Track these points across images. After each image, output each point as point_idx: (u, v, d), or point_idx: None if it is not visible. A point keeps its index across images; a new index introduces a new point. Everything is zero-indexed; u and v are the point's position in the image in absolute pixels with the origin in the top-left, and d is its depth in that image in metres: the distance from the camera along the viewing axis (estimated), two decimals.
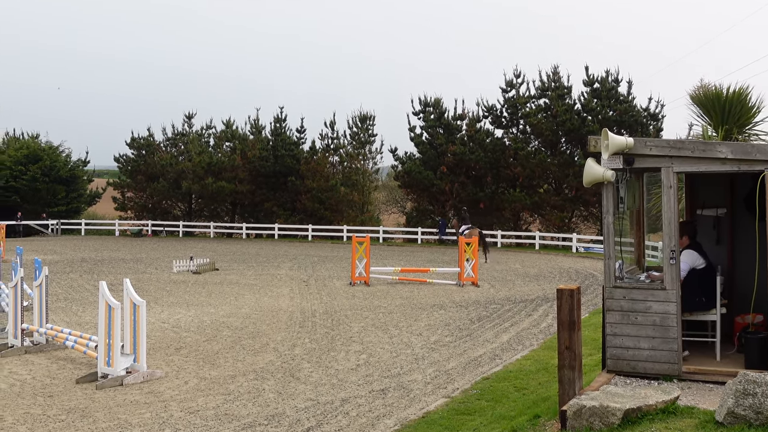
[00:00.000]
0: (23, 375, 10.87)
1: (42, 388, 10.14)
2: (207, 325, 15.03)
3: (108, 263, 29.00)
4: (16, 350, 12.31)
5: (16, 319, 12.49)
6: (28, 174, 51.15)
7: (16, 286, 12.73)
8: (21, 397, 9.66)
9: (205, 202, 53.08)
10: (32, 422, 8.53)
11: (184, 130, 54.53)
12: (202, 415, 8.78)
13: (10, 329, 12.76)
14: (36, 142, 55.54)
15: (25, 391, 9.98)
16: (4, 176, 51.22)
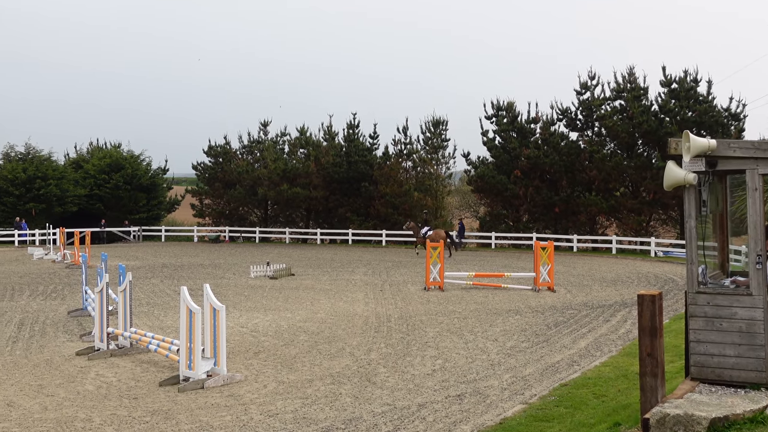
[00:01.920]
0: (109, 377, 11.21)
1: (127, 390, 10.44)
2: (284, 330, 15.23)
3: (187, 269, 29.68)
4: (102, 353, 12.71)
5: (102, 323, 12.89)
6: (111, 182, 52.77)
7: (102, 291, 13.14)
8: (107, 398, 9.97)
9: (281, 208, 53.82)
10: (118, 423, 8.79)
11: (259, 137, 55.42)
12: (281, 418, 8.91)
13: (96, 333, 13.18)
14: (118, 151, 57.22)
15: (111, 393, 10.29)
16: (89, 185, 52.96)
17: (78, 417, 9.08)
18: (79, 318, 17.08)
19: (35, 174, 50.64)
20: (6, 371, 11.70)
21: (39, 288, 23.19)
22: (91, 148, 59.64)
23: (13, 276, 27.12)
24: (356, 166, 49.72)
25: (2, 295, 21.34)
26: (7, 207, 50.21)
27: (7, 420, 8.99)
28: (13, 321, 16.70)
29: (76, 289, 22.38)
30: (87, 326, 15.74)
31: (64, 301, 19.99)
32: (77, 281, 24.55)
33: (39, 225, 48.41)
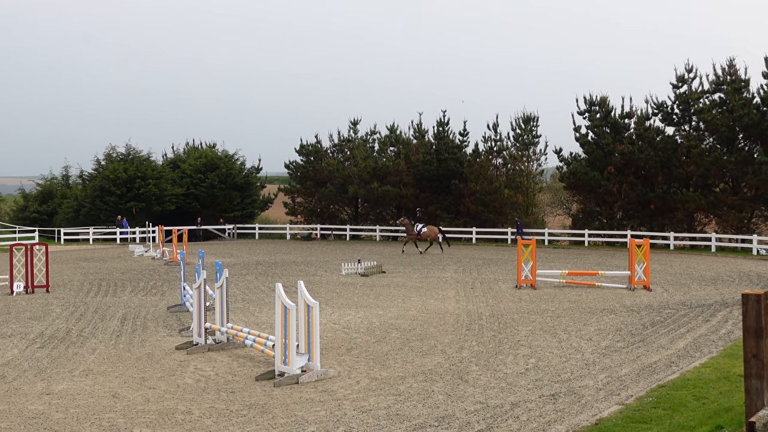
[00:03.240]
0: (207, 371, 11.52)
1: (225, 384, 10.71)
2: (376, 327, 15.34)
3: (280, 266, 30.21)
4: (200, 348, 13.07)
5: (200, 318, 13.26)
6: (206, 181, 54.22)
7: (199, 288, 13.50)
8: (206, 392, 10.25)
9: (371, 206, 54.19)
10: (217, 416, 9.03)
11: (349, 136, 55.94)
12: (374, 414, 8.98)
13: (194, 328, 13.57)
14: (213, 151, 58.71)
15: (209, 386, 10.58)
16: (185, 184, 54.54)
17: (178, 409, 9.37)
18: (178, 313, 17.61)
19: (135, 174, 52.47)
20: (110, 364, 12.17)
21: (140, 284, 24.01)
22: (188, 149, 61.39)
23: (116, 272, 28.17)
24: (446, 164, 49.62)
25: (105, 291, 22.20)
26: (109, 206, 52.20)
27: (112, 411, 9.35)
28: (116, 316, 17.35)
29: (174, 286, 23.08)
30: (185, 321, 16.21)
31: (163, 297, 20.65)
32: (175, 278, 25.32)
33: (139, 223, 50.15)
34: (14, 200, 63.41)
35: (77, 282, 24.85)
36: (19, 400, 9.97)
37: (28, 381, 11.05)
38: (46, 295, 21.58)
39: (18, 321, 16.81)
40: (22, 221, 56.87)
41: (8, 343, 14.08)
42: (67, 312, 18.07)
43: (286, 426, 8.57)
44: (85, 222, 52.27)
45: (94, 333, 15.09)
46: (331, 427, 8.48)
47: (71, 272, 28.32)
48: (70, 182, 60.14)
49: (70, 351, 13.27)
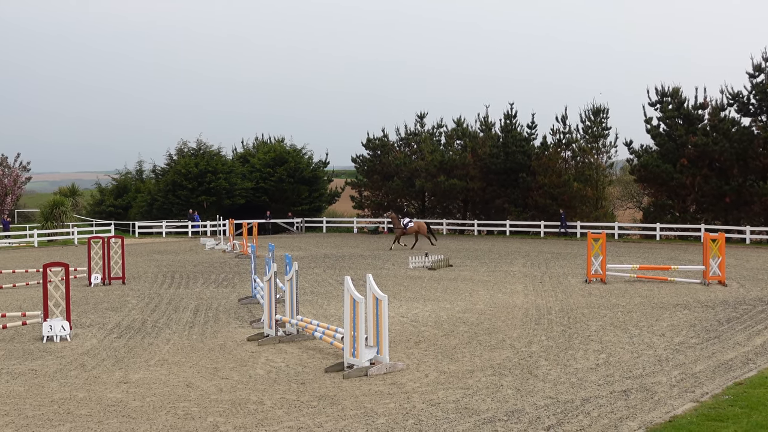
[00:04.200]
0: (278, 363, 11.70)
1: (295, 375, 10.86)
2: (444, 320, 15.34)
3: (348, 259, 30.42)
4: (271, 339, 13.27)
5: (271, 310, 13.46)
6: (275, 175, 54.92)
7: (270, 281, 13.71)
8: (277, 383, 10.42)
9: (438, 200, 54.10)
10: (288, 407, 9.17)
11: (416, 129, 55.92)
12: (443, 407, 8.99)
13: (265, 320, 13.79)
14: (282, 145, 59.42)
15: (280, 377, 10.75)
16: (255, 178, 55.33)
17: (251, 399, 9.54)
18: (249, 305, 17.91)
19: (206, 168, 53.46)
20: (184, 354, 12.46)
21: (211, 276, 24.49)
22: (257, 143, 62.27)
23: (188, 265, 28.78)
24: (514, 157, 49.20)
25: (178, 283, 22.71)
26: (181, 200, 53.33)
27: (186, 400, 9.59)
28: (189, 307, 17.74)
29: (245, 278, 23.47)
30: (256, 313, 16.48)
31: (234, 289, 21.02)
32: (246, 270, 25.75)
33: (210, 217, 51.13)
34: (91, 194, 65.37)
35: (151, 274, 25.48)
36: (98, 388, 10.29)
37: (107, 370, 11.40)
38: (122, 286, 22.20)
39: (96, 311, 17.34)
40: (99, 215, 58.60)
41: (87, 333, 14.54)
42: (142, 303, 18.56)
43: (355, 417, 8.65)
44: (158, 215, 53.54)
45: (168, 324, 15.46)
46: (400, 420, 8.53)
47: (145, 264, 29.06)
48: (143, 177, 61.66)
49: (145, 341, 13.63)
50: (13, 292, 21.71)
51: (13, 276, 25.21)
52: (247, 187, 54.83)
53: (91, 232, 46.61)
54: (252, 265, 18.97)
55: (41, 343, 13.54)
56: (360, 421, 8.49)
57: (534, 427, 8.19)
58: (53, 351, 12.90)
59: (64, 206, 49.50)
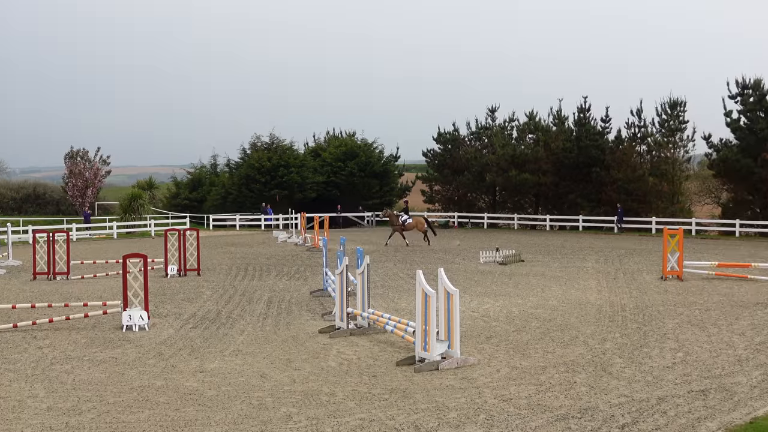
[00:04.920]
0: (350, 355, 11.80)
1: (366, 368, 10.93)
2: (515, 316, 15.23)
3: (419, 253, 30.44)
4: (342, 332, 13.39)
5: (342, 303, 13.57)
6: (346, 170, 55.31)
7: (341, 274, 13.82)
8: (348, 375, 10.50)
9: (509, 194, 53.70)
10: (359, 399, 9.24)
11: (487, 123, 55.60)
12: (515, 403, 8.93)
13: (337, 313, 13.91)
14: (353, 139, 59.81)
15: (351, 370, 10.83)
16: (326, 172, 55.83)
17: (323, 391, 9.65)
18: (320, 298, 18.09)
19: (279, 162, 54.20)
20: (258, 345, 12.67)
21: (284, 269, 24.82)
22: (328, 137, 62.79)
23: (261, 257, 29.23)
24: (587, 151, 48.47)
25: (252, 275, 23.09)
26: (254, 193, 54.19)
27: (260, 390, 9.75)
28: (262, 299, 18.02)
29: (316, 271, 23.71)
30: (327, 306, 16.64)
31: (306, 282, 21.26)
32: (317, 263, 26.01)
33: (282, 210, 51.77)
34: (167, 188, 66.94)
35: (225, 266, 25.96)
36: (175, 376, 10.55)
37: (183, 359, 11.67)
38: (197, 278, 22.68)
39: (172, 302, 17.77)
40: (174, 207, 59.97)
41: (164, 323, 14.91)
42: (216, 294, 18.94)
43: (427, 411, 8.66)
44: (232, 209, 54.51)
45: (242, 315, 15.74)
46: (471, 414, 8.51)
47: (220, 257, 29.62)
48: (218, 170, 62.86)
49: (220, 332, 13.90)
50: (94, 282, 22.41)
51: (94, 266, 26.02)
52: (319, 181, 55.36)
53: (167, 225, 47.75)
54: (324, 258, 19.15)
55: (121, 332, 13.94)
56: (432, 415, 8.50)
57: (608, 425, 8.07)
58: (132, 340, 13.27)
59: (142, 199, 50.86)
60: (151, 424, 8.34)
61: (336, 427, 8.17)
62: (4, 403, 9.31)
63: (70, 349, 12.51)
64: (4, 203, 67.36)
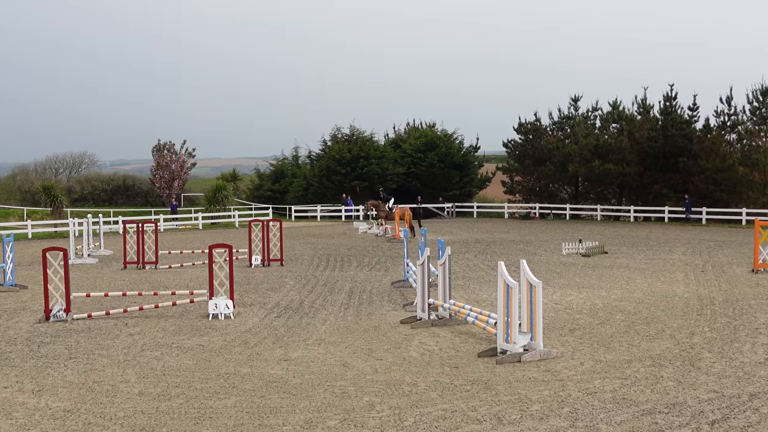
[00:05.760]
0: (431, 346, 11.82)
1: (448, 359, 10.93)
2: (599, 308, 14.98)
3: (499, 244, 30.23)
4: (423, 323, 13.41)
5: (424, 294, 13.59)
6: (426, 161, 55.26)
7: (423, 265, 13.84)
8: (430, 366, 10.52)
9: (592, 185, 52.75)
10: (441, 390, 9.25)
11: (570, 113, 54.70)
12: (600, 397, 8.80)
13: (418, 303, 13.93)
14: (433, 130, 59.70)
15: (433, 360, 10.85)
16: (406, 163, 55.90)
17: (405, 381, 9.70)
18: (401, 289, 18.16)
19: (359, 154, 54.53)
20: (340, 334, 12.81)
21: (364, 260, 25.00)
22: (408, 128, 62.84)
23: (342, 248, 29.51)
24: (673, 140, 47.19)
25: (333, 266, 23.34)
26: (334, 184, 54.70)
27: (343, 379, 9.86)
28: (344, 289, 18.20)
29: (397, 262, 23.81)
30: (408, 297, 16.69)
31: (387, 273, 21.37)
32: (398, 254, 26.12)
33: (362, 201, 52.09)
34: (250, 179, 68.18)
35: (307, 256, 26.31)
36: (260, 364, 10.76)
37: (268, 347, 11.89)
38: (280, 268, 23.05)
39: (257, 291, 18.11)
40: (257, 199, 61.05)
41: (249, 312, 15.22)
42: (299, 284, 19.21)
43: (509, 403, 8.62)
44: (313, 200, 55.16)
45: (324, 305, 15.93)
46: (555, 407, 8.42)
47: (302, 247, 30.04)
48: (299, 162, 63.67)
49: (303, 321, 14.11)
50: (181, 271, 23.03)
51: (181, 256, 26.73)
52: (399, 172, 55.48)
53: (251, 216, 48.65)
54: (405, 249, 19.21)
55: (207, 320, 14.29)
56: (514, 407, 8.45)
57: (697, 421, 7.87)
58: (218, 328, 13.59)
59: (226, 190, 51.92)
60: (238, 411, 8.54)
61: (418, 417, 8.21)
62: (98, 387, 9.68)
63: (160, 336, 12.90)
64: (95, 195, 69.74)
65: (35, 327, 14.01)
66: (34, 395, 9.37)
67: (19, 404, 8.99)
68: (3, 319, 14.92)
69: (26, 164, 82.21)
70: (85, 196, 69.06)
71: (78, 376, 10.24)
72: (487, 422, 7.97)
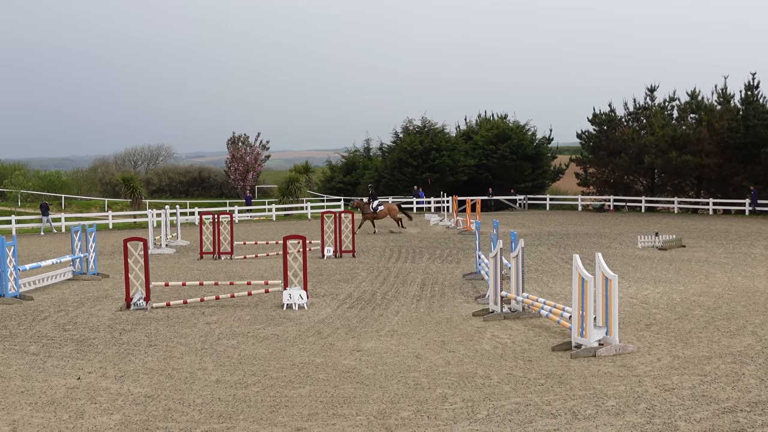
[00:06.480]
0: (504, 339, 11.75)
1: (521, 352, 10.86)
2: (677, 303, 14.65)
3: (572, 237, 29.82)
4: (496, 315, 13.34)
5: (497, 287, 13.52)
6: (498, 152, 54.81)
7: (495, 257, 13.76)
8: (503, 359, 10.47)
9: (669, 177, 51.52)
10: (515, 383, 9.20)
11: (646, 103, 53.49)
12: (678, 394, 8.62)
13: (490, 296, 13.87)
14: (504, 122, 59.14)
15: (506, 353, 10.79)
16: (477, 155, 55.56)
17: (477, 374, 9.67)
18: (473, 281, 18.09)
19: (430, 146, 54.43)
20: (412, 326, 12.84)
21: (436, 252, 24.98)
22: (480, 120, 62.41)
23: (413, 240, 29.55)
24: (755, 131, 45.67)
25: (405, 257, 23.39)
26: (406, 176, 54.73)
27: (416, 370, 9.89)
28: (415, 281, 18.24)
29: (468, 254, 23.72)
30: (480, 289, 16.63)
31: (458, 265, 21.31)
32: (469, 246, 26.02)
33: (434, 193, 52.02)
34: (322, 171, 68.77)
35: (379, 248, 26.43)
36: (333, 354, 10.88)
37: (341, 338, 12.01)
38: (352, 259, 23.23)
39: (329, 282, 18.29)
40: (329, 190, 61.54)
41: (322, 303, 15.38)
42: (371, 276, 19.33)
43: (584, 398, 8.51)
44: (384, 192, 55.29)
45: (396, 296, 15.99)
46: (631, 403, 8.29)
47: (373, 239, 30.18)
48: (371, 154, 63.91)
49: (375, 312, 14.20)
50: (256, 262, 23.41)
51: (255, 247, 27.18)
52: (470, 164, 55.18)
53: (323, 207, 49.09)
54: (476, 241, 19.13)
55: (281, 310, 14.51)
56: (589, 402, 8.35)
57: None
58: (292, 318, 13.79)
59: (299, 182, 52.51)
60: (312, 400, 8.66)
61: (491, 410, 8.18)
62: (177, 374, 9.93)
63: (236, 325, 13.16)
64: (172, 186, 71.36)
65: (117, 315, 14.45)
66: (116, 381, 9.67)
67: (102, 389, 9.30)
68: (86, 307, 15.44)
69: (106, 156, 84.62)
70: (163, 187, 70.72)
71: (158, 363, 10.54)
72: (561, 417, 7.90)
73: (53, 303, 16.05)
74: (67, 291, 17.83)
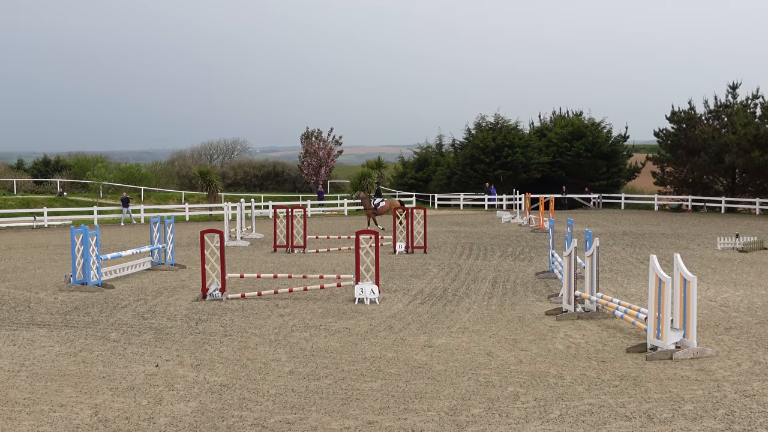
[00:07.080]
0: (577, 339, 11.60)
1: (595, 353, 10.70)
2: (758, 307, 14.22)
3: (648, 237, 29.22)
4: (569, 315, 13.18)
5: (570, 286, 13.35)
6: (572, 150, 54.10)
7: (569, 256, 13.58)
8: (576, 359, 10.34)
9: (750, 177, 49.96)
10: (588, 384, 9.08)
11: (727, 101, 52.00)
12: (759, 400, 8.38)
13: (564, 295, 13.71)
14: (579, 119, 58.30)
15: (579, 353, 10.65)
16: (551, 152, 54.94)
17: (550, 373, 9.58)
18: (546, 279, 17.90)
19: (503, 142, 54.05)
20: (484, 323, 12.79)
21: (508, 249, 24.80)
22: (554, 117, 61.69)
23: (485, 237, 29.39)
24: None
25: (476, 255, 23.29)
26: (478, 173, 54.48)
27: (487, 368, 9.86)
28: (487, 278, 18.15)
29: (541, 252, 23.48)
30: (553, 288, 16.44)
31: (531, 263, 21.11)
32: (542, 245, 25.75)
33: (506, 190, 51.63)
34: (394, 167, 68.95)
35: (450, 245, 26.38)
36: (405, 349, 10.92)
37: (412, 333, 12.04)
38: (423, 255, 23.24)
39: (401, 278, 18.35)
40: (401, 186, 61.68)
41: (393, 298, 15.44)
42: (442, 272, 19.31)
43: (660, 401, 8.35)
44: (456, 188, 55.18)
45: (468, 293, 15.95)
46: (709, 408, 8.09)
47: (444, 235, 30.14)
48: (443, 150, 63.79)
49: (447, 308, 14.19)
50: (328, 256, 23.64)
51: (328, 241, 27.43)
52: (544, 162, 54.60)
53: None
54: (550, 240, 18.91)
55: (353, 305, 14.62)
56: (665, 406, 8.18)
57: None
58: (364, 312, 13.88)
59: (371, 178, 52.74)
60: (383, 394, 8.71)
61: (564, 410, 8.10)
62: (251, 364, 10.12)
63: (308, 318, 13.32)
64: (247, 180, 72.58)
65: (193, 305, 14.79)
66: (193, 369, 9.91)
67: (179, 377, 9.54)
68: (164, 296, 15.85)
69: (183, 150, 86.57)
70: (238, 181, 72.00)
71: (233, 353, 10.75)
72: (636, 419, 7.77)
73: (133, 292, 16.52)
74: (146, 280, 18.33)
